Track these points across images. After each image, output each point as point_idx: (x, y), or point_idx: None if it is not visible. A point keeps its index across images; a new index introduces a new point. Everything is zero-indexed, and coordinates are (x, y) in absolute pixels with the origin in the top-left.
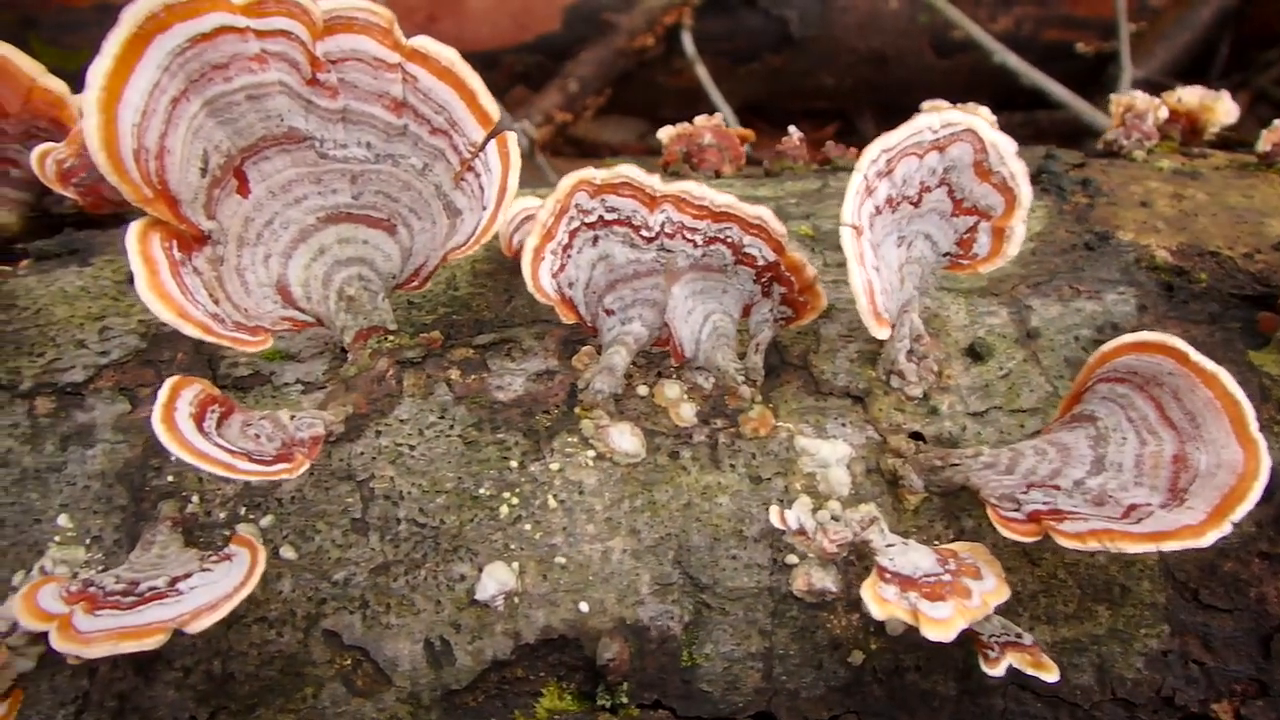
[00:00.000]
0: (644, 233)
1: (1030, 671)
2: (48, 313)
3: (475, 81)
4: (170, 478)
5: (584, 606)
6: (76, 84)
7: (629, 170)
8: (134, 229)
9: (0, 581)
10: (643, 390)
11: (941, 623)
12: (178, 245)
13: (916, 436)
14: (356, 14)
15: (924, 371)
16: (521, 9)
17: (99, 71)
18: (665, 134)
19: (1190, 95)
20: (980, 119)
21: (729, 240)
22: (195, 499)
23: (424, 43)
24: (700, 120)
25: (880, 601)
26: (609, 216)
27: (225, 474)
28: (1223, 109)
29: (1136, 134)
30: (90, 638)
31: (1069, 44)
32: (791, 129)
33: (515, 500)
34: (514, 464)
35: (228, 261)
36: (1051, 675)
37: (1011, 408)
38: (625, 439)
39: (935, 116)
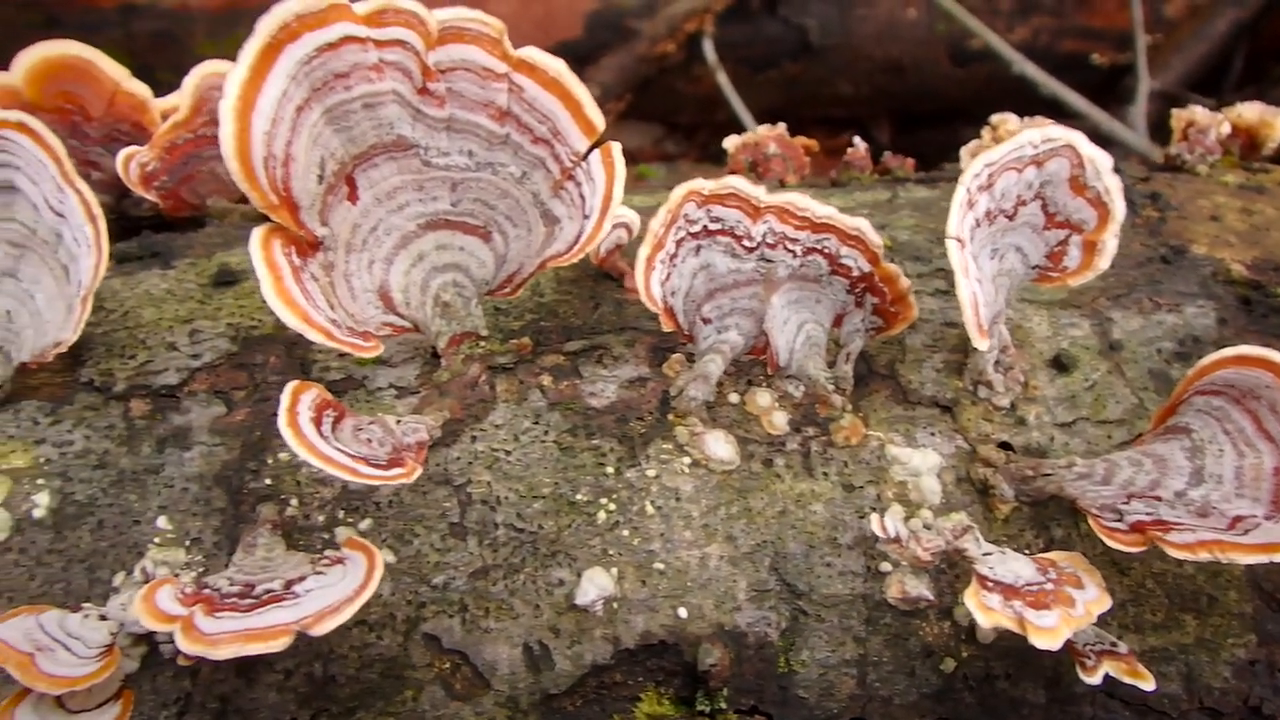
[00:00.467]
0: (746, 243)
1: (1127, 680)
2: (135, 315)
3: (581, 92)
4: (268, 481)
5: (683, 612)
6: None
7: (736, 181)
8: (257, 235)
9: (100, 582)
10: (734, 398)
11: (1049, 631)
12: (296, 251)
13: (1005, 446)
14: (468, 24)
15: (1010, 382)
16: (544, 15)
17: (235, 80)
18: (731, 143)
19: (1250, 111)
20: (1079, 135)
21: (826, 251)
22: (294, 502)
23: (532, 53)
24: (763, 130)
25: (985, 610)
26: (713, 226)
27: (349, 478)
28: None
29: (1200, 148)
30: (216, 639)
31: (1085, 55)
32: (856, 139)
33: (613, 506)
34: (610, 470)
35: (337, 268)
36: (1148, 684)
37: (1098, 419)
38: (721, 446)
39: (1037, 132)
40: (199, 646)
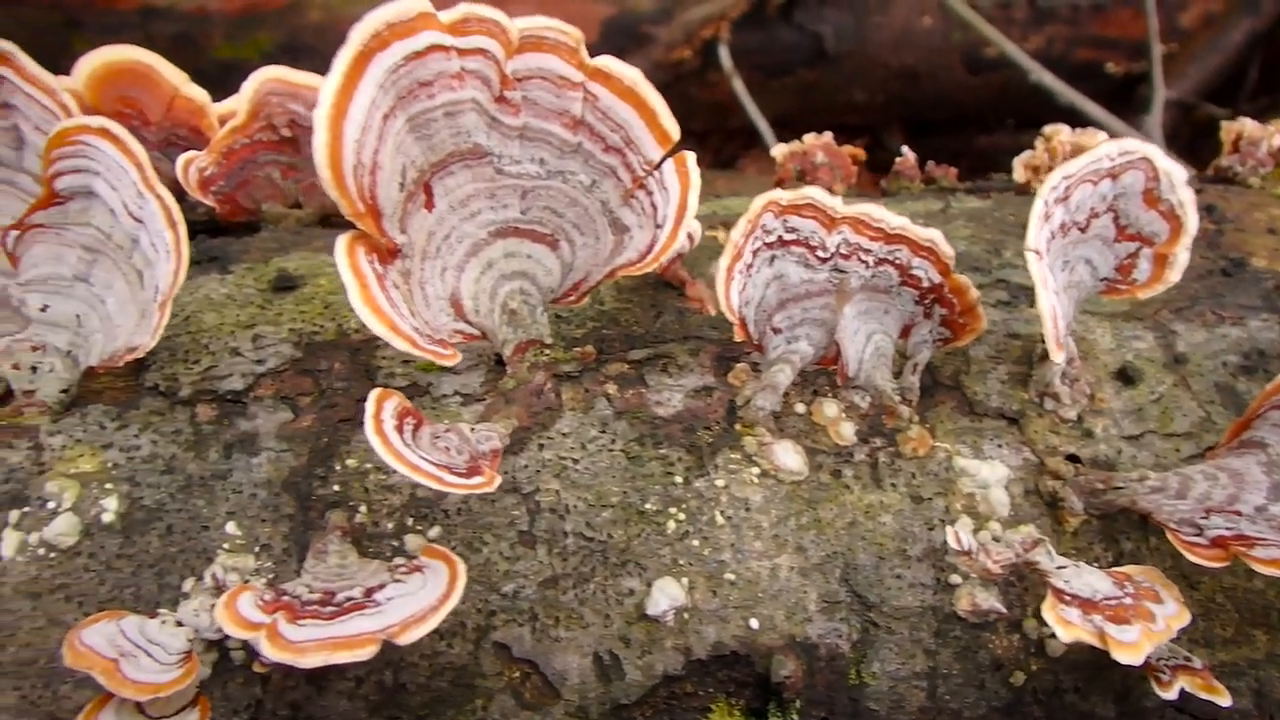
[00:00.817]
0: (819, 253)
1: (1203, 695)
2: (197, 320)
3: (657, 101)
4: (336, 487)
5: (754, 623)
6: None
7: (813, 192)
8: (342, 243)
9: (169, 588)
10: (800, 408)
11: (1130, 646)
12: (378, 259)
13: (1073, 459)
14: (547, 33)
15: (1077, 394)
16: (562, 20)
17: (329, 89)
18: (779, 152)
19: None
20: (1155, 148)
21: (898, 262)
22: (363, 509)
23: (608, 62)
24: (809, 138)
25: (1065, 624)
26: (788, 237)
27: (436, 486)
28: None
29: (1251, 161)
30: (303, 647)
31: (1098, 64)
32: (904, 149)
33: (682, 516)
34: (679, 479)
35: (413, 275)
36: (1224, 699)
37: (1166, 432)
38: (790, 456)
39: (1114, 145)
40: (286, 654)
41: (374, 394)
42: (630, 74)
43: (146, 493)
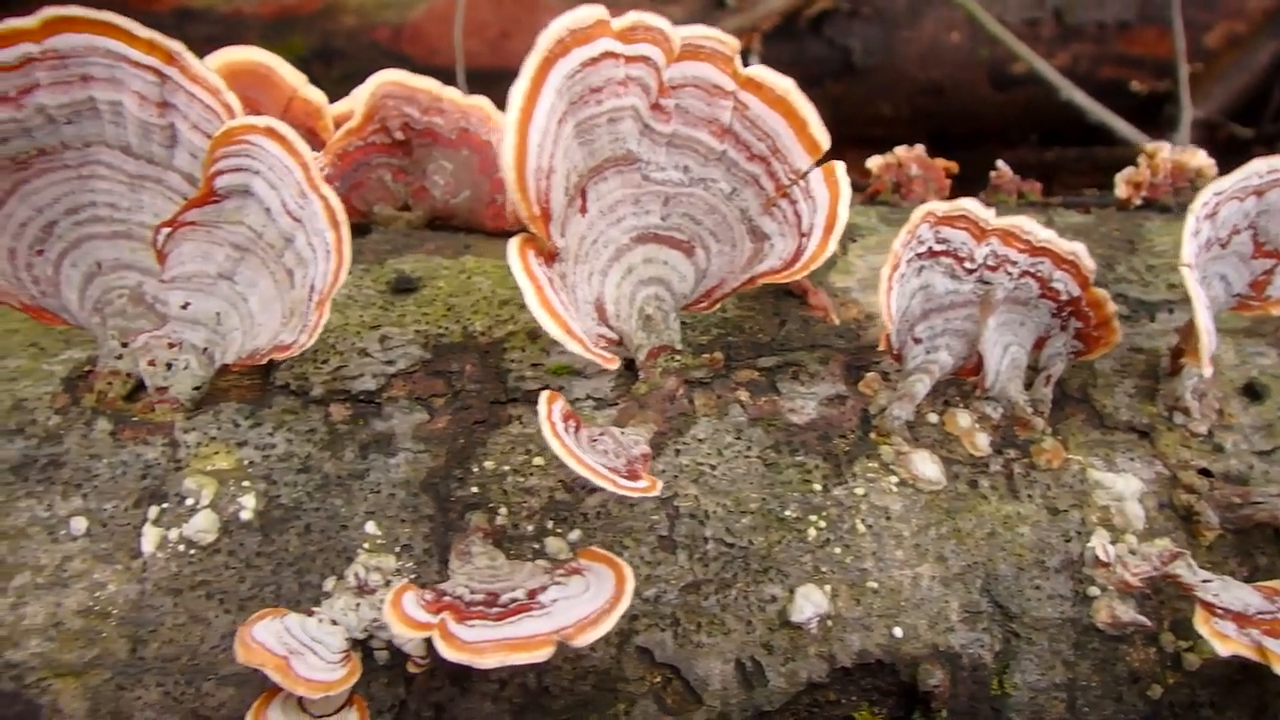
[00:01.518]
0: (967, 264)
1: None
2: None
3: (808, 111)
4: (474, 489)
5: (898, 631)
6: None
7: (968, 203)
8: (514, 246)
9: (310, 587)
10: (932, 418)
11: None
12: (544, 262)
13: (1204, 473)
14: (705, 42)
15: (1206, 409)
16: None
17: (517, 93)
18: (874, 164)
19: None
20: None
21: (1039, 274)
22: (503, 511)
23: (760, 72)
24: (901, 151)
25: (1220, 637)
26: (938, 248)
27: (610, 488)
28: None
29: None
30: (481, 648)
31: (1123, 82)
32: (1000, 163)
33: (823, 523)
34: (817, 487)
35: (568, 278)
36: None
37: None
38: (928, 466)
39: (1263, 162)
40: (463, 655)
41: (544, 395)
42: (783, 83)
43: (284, 491)
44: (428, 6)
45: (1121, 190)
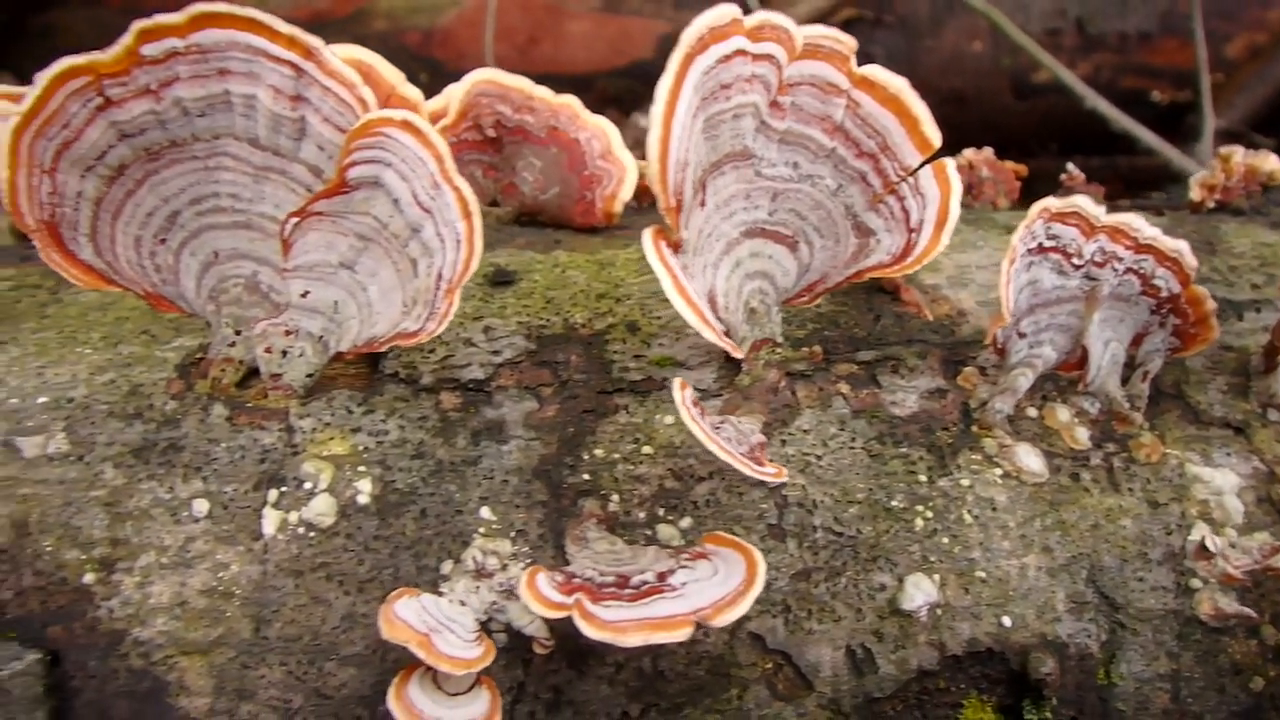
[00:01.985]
0: (1074, 260)
1: None
2: None
3: (920, 109)
4: (586, 476)
5: (1007, 621)
6: None
7: (1081, 200)
8: (649, 236)
9: (427, 570)
10: (1031, 412)
11: None
12: (673, 253)
13: None
14: (824, 41)
15: None
16: (619, 35)
17: (663, 88)
18: None
19: None
20: None
21: (1141, 271)
22: (615, 498)
23: (874, 71)
24: (969, 153)
25: None
26: (1048, 244)
27: (748, 473)
28: None
29: None
30: (623, 627)
31: (1144, 91)
32: (1070, 165)
33: (929, 514)
34: (922, 478)
35: (688, 269)
36: None
37: None
38: (1032, 458)
39: None
40: (606, 633)
41: (676, 382)
42: (896, 82)
43: (399, 476)
44: (457, 11)
45: (1195, 193)
